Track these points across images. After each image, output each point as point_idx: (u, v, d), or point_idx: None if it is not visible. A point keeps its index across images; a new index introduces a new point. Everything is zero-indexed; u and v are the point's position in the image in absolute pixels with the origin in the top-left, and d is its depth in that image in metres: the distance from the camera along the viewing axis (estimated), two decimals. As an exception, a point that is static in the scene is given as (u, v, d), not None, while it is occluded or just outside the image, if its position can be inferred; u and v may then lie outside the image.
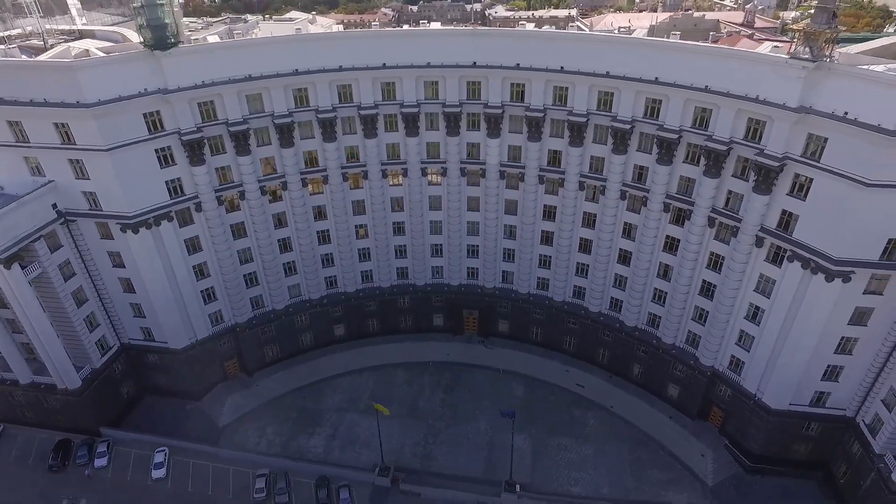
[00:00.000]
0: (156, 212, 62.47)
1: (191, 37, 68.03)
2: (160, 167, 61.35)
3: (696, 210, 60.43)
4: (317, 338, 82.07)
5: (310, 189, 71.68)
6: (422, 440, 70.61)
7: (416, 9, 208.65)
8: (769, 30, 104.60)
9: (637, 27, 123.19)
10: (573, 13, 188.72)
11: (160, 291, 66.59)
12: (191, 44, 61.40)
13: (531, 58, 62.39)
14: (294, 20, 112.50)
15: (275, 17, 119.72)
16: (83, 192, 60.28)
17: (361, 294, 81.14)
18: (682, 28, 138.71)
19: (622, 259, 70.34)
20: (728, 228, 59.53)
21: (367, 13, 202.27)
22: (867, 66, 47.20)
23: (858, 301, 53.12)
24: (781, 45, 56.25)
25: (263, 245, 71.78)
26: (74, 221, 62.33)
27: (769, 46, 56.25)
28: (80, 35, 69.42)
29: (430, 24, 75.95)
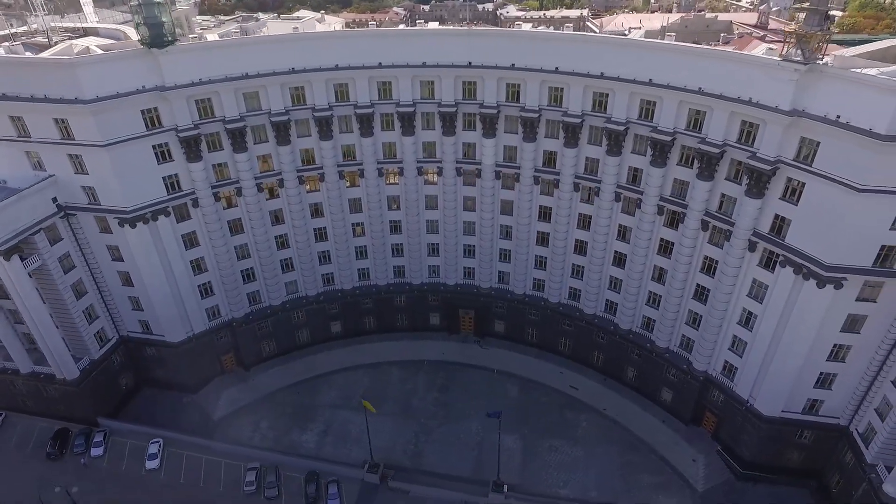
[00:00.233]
0: (153, 207, 63.50)
1: (204, 35, 68.86)
2: (157, 163, 62.39)
3: (690, 213, 59.88)
4: (313, 334, 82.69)
5: (307, 187, 72.25)
6: (413, 438, 70.90)
7: (428, 8, 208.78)
8: (783, 32, 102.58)
9: (647, 28, 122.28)
10: (585, 13, 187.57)
11: (157, 285, 67.67)
12: (190, 41, 62.32)
13: (526, 58, 62.23)
14: (302, 19, 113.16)
15: (282, 16, 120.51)
16: (82, 187, 61.58)
17: (358, 292, 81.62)
18: (694, 29, 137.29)
19: (617, 261, 69.88)
20: (721, 232, 58.91)
21: (379, 12, 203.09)
22: (860, 70, 46.41)
23: (851, 308, 52.29)
24: (776, 47, 55.52)
25: (260, 241, 72.53)
26: (74, 215, 63.66)
27: (764, 48, 55.50)
28: (85, 32, 70.79)
29: (428, 24, 76.15)
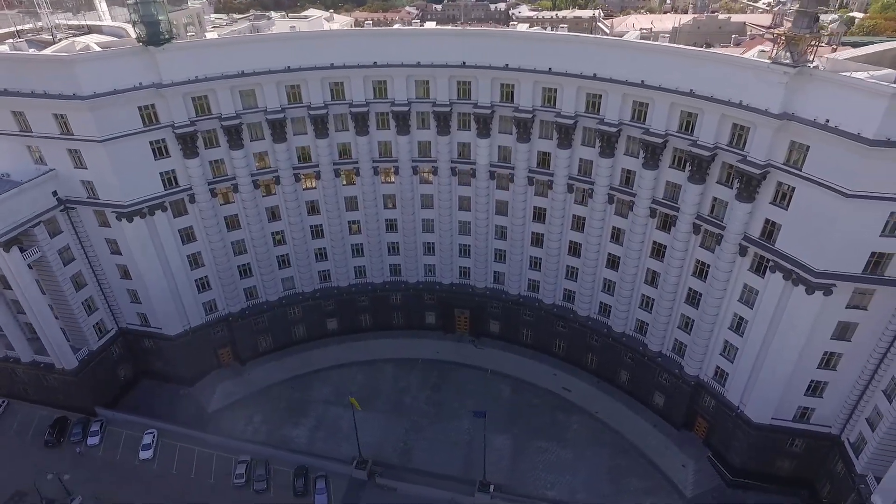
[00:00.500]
0: (150, 202, 64.61)
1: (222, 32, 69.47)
2: (154, 159, 63.46)
3: (682, 216, 59.32)
4: (309, 330, 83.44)
5: (302, 184, 72.99)
6: (403, 436, 71.22)
7: (441, 7, 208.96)
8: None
9: (658, 29, 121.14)
10: (597, 14, 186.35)
11: (155, 279, 68.85)
12: (186, 39, 63.33)
13: (520, 59, 62.12)
14: (309, 17, 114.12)
15: (290, 15, 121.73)
16: (82, 181, 62.90)
17: (354, 289, 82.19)
18: (707, 31, 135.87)
19: (610, 263, 69.48)
20: (713, 236, 58.27)
21: (391, 11, 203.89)
22: (850, 73, 45.63)
23: (841, 315, 51.44)
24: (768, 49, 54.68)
25: (256, 237, 73.41)
26: (74, 209, 65.06)
27: (757, 50, 54.81)
28: (89, 30, 72.24)
29: (424, 24, 76.27)
